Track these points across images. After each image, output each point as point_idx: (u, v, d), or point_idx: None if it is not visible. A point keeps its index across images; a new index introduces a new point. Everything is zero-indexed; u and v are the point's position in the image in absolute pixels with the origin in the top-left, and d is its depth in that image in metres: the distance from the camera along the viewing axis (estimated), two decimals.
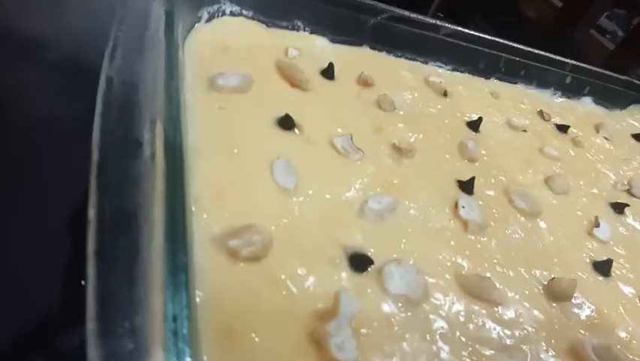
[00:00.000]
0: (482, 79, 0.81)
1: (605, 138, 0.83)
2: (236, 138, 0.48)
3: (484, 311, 0.44)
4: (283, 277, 0.39)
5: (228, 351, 0.32)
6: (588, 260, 0.56)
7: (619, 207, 0.67)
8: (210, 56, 0.56)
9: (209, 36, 0.59)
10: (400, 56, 0.74)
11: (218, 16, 0.61)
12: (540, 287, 0.50)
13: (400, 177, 0.54)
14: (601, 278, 0.55)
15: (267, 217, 0.42)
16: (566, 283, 0.50)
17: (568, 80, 0.88)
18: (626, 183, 0.73)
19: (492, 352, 0.42)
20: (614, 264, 0.57)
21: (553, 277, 0.50)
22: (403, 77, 0.71)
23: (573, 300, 0.50)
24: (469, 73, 0.80)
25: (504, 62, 0.82)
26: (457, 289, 0.45)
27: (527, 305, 0.47)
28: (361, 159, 0.53)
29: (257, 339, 0.34)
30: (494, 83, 0.82)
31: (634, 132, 0.88)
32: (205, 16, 0.60)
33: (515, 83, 0.84)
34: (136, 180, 0.34)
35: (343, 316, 0.37)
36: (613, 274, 0.56)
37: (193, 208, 0.39)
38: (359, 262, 0.43)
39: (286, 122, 0.52)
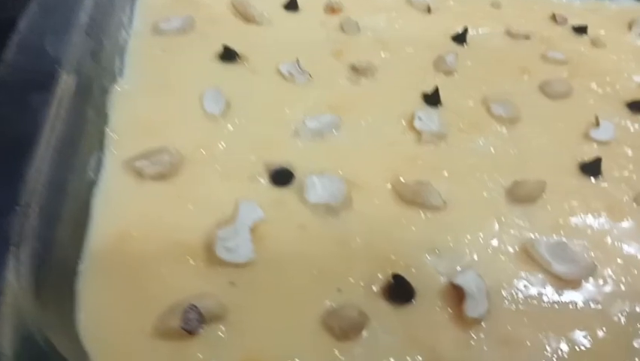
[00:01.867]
0: None
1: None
2: (173, 76, 0.50)
3: (415, 215, 0.42)
4: (193, 193, 0.40)
5: (117, 252, 0.35)
6: (576, 162, 0.49)
7: (637, 106, 0.58)
8: (162, 3, 0.58)
9: None
10: None
11: None
12: (502, 191, 0.45)
13: (354, 96, 0.53)
14: (593, 180, 0.48)
15: (187, 142, 0.43)
16: (531, 185, 0.45)
17: None
18: None
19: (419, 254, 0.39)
20: (613, 165, 0.50)
21: (516, 181, 0.45)
22: None
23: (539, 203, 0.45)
24: None
25: None
26: (390, 196, 0.43)
27: (476, 208, 0.43)
28: (309, 82, 0.52)
29: (150, 246, 0.36)
30: None
31: None
32: None
33: None
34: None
35: (241, 222, 0.37)
36: (606, 174, 0.49)
37: (114, 136, 0.42)
38: (280, 177, 0.43)
39: (227, 55, 0.52)
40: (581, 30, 0.70)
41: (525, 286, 0.38)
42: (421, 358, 0.33)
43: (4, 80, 0.37)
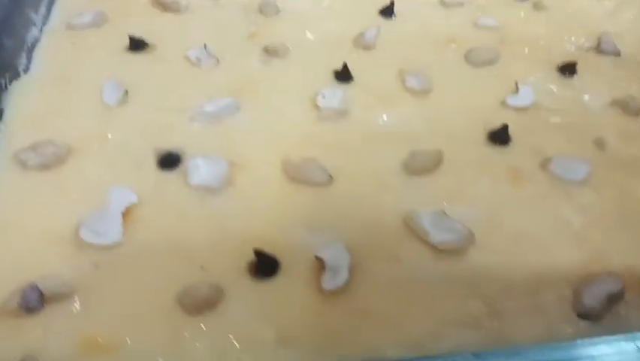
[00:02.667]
0: None
1: None
2: (77, 69, 0.51)
3: (299, 192, 0.41)
4: (75, 182, 0.41)
5: None
6: (486, 131, 0.48)
7: (568, 69, 0.55)
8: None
9: None
10: None
11: None
12: (398, 164, 0.44)
13: (262, 78, 0.52)
14: (501, 148, 0.47)
15: (78, 133, 0.44)
16: (427, 156, 0.44)
17: None
18: (596, 39, 0.59)
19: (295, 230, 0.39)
20: (526, 131, 0.47)
21: (412, 152, 0.44)
22: None
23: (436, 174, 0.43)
24: None
25: None
26: (277, 176, 0.43)
27: (365, 182, 0.43)
28: (216, 67, 0.53)
29: (20, 232, 0.37)
30: None
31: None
32: None
33: None
34: None
35: (111, 207, 0.38)
36: (517, 142, 0.47)
37: (5, 130, 0.44)
38: (167, 161, 0.43)
39: (134, 45, 0.53)
40: None
41: (399, 257, 0.38)
42: (270, 331, 0.33)
43: None
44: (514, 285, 0.37)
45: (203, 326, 0.33)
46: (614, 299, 0.35)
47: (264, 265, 0.36)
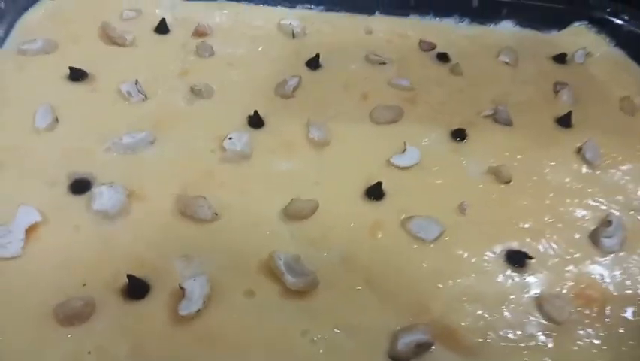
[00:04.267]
0: (363, 15, 0.78)
1: (506, 63, 0.75)
2: (16, 93, 0.57)
3: (182, 225, 0.48)
4: None
5: None
6: (364, 186, 0.54)
7: (459, 134, 0.62)
8: (40, 24, 0.66)
9: (52, 7, 0.69)
10: (260, 3, 0.76)
11: None
12: (279, 208, 0.51)
13: (182, 116, 0.59)
14: (372, 202, 0.53)
15: (6, 150, 0.51)
16: (303, 203, 0.50)
17: (475, 3, 0.80)
18: (493, 108, 0.66)
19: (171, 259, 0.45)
20: (401, 189, 0.54)
21: (292, 199, 0.51)
22: (250, 23, 0.73)
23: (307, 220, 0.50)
24: (345, 11, 0.78)
25: None
26: (169, 208, 0.49)
27: (247, 221, 0.49)
28: (143, 101, 0.59)
29: None
30: (376, 19, 0.79)
31: (557, 53, 0.77)
32: None
33: (406, 15, 0.80)
34: None
35: (16, 223, 0.44)
36: (389, 198, 0.53)
37: None
38: (77, 186, 0.49)
39: (73, 75, 0.60)
40: (443, 57, 0.74)
41: (253, 292, 0.44)
42: (125, 346, 0.39)
43: None
44: (349, 323, 0.44)
45: (68, 336, 0.39)
46: (423, 347, 0.42)
47: (135, 288, 0.42)
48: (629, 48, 0.79)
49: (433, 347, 0.42)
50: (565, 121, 0.66)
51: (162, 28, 0.69)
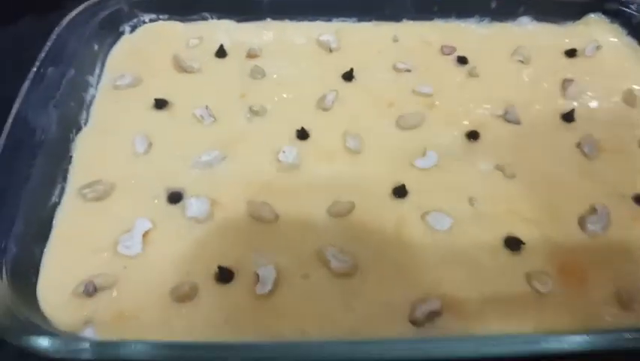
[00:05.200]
0: (390, 23, 0.89)
1: (520, 62, 0.84)
2: (118, 123, 0.74)
3: (254, 227, 0.63)
4: (114, 211, 0.65)
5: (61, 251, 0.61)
6: (390, 187, 0.67)
7: (473, 135, 0.73)
8: (124, 60, 0.81)
9: (130, 44, 0.84)
10: (302, 20, 0.88)
11: (139, 26, 0.86)
12: (324, 209, 0.65)
13: (245, 134, 0.73)
14: (398, 200, 0.67)
15: (118, 173, 0.68)
16: (343, 205, 0.65)
17: (493, 4, 0.88)
18: (504, 108, 0.76)
19: (249, 253, 0.61)
20: (423, 188, 0.67)
21: (334, 201, 0.65)
22: (293, 42, 0.85)
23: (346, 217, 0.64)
24: (376, 20, 0.89)
25: (410, 3, 0.88)
26: (243, 213, 0.65)
27: (300, 223, 0.64)
28: (213, 123, 0.74)
29: (81, 245, 0.61)
30: (403, 26, 0.89)
31: (568, 48, 0.85)
32: (127, 29, 0.85)
33: (431, 19, 0.89)
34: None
35: (135, 230, 0.62)
36: (411, 196, 0.67)
37: (73, 171, 0.68)
38: (173, 198, 0.66)
39: (158, 104, 0.75)
40: (462, 60, 0.84)
41: (309, 275, 0.60)
42: (221, 317, 0.56)
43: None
44: (380, 297, 0.59)
45: (183, 310, 0.57)
46: (435, 314, 0.56)
47: (224, 275, 0.59)
48: None
49: (443, 315, 0.57)
50: (568, 117, 0.76)
51: (221, 52, 0.83)
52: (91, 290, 0.56)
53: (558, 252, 0.63)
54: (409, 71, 0.82)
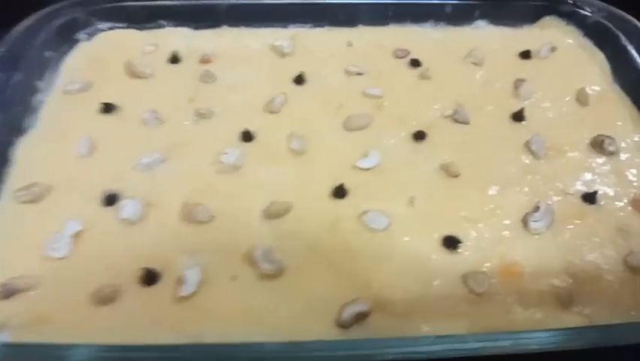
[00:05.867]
0: (345, 29, 0.89)
1: (474, 64, 0.83)
2: (65, 126, 0.74)
3: (186, 228, 0.62)
4: (49, 211, 0.64)
5: None
6: (330, 187, 0.66)
7: (419, 135, 0.72)
8: (78, 67, 0.82)
9: (86, 51, 0.85)
10: (259, 27, 0.89)
11: (96, 34, 0.87)
12: (261, 210, 0.64)
13: (190, 136, 0.73)
14: (337, 200, 0.65)
15: (58, 176, 0.67)
16: (280, 205, 0.64)
17: (448, 8, 0.88)
18: (454, 108, 0.75)
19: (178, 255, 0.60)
20: (356, 188, 0.66)
21: (271, 202, 0.64)
22: (248, 47, 0.86)
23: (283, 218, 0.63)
24: (331, 26, 0.89)
25: (364, 9, 0.88)
26: (177, 215, 0.64)
27: (235, 223, 0.63)
28: (159, 126, 0.74)
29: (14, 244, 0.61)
30: (357, 31, 0.89)
31: (523, 50, 0.84)
32: (84, 37, 0.86)
33: (386, 24, 0.89)
34: None
35: (65, 232, 0.61)
36: (352, 196, 0.65)
37: (11, 175, 0.68)
38: (109, 200, 0.65)
39: (106, 109, 0.75)
40: (415, 63, 0.83)
41: (235, 277, 0.58)
42: (145, 320, 0.55)
43: None
44: (310, 298, 0.57)
45: (103, 312, 0.55)
46: (361, 316, 0.54)
47: (148, 277, 0.58)
48: (596, 38, 0.85)
49: (373, 316, 0.55)
50: (518, 116, 0.75)
51: (175, 58, 0.83)
52: (7, 292, 0.55)
53: (498, 251, 0.61)
54: (360, 74, 0.82)
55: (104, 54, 0.85)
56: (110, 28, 0.88)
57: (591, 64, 0.83)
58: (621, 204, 0.66)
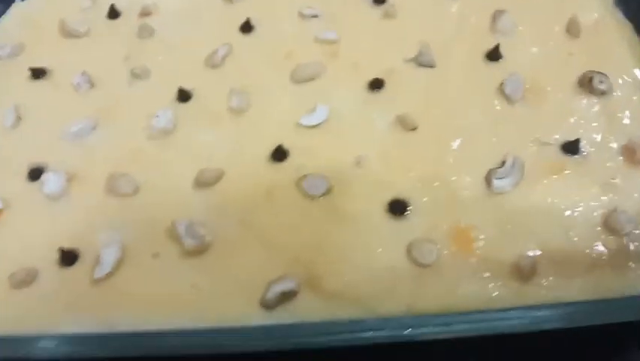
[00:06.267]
0: None
1: None
2: None
3: (108, 201, 0.57)
4: None
5: None
6: (269, 150, 0.59)
7: (376, 84, 0.63)
8: (10, 29, 0.76)
9: (20, 11, 0.78)
10: None
11: None
12: (191, 178, 0.58)
13: (123, 99, 0.66)
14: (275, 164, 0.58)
15: None
16: (211, 172, 0.57)
17: None
18: (418, 50, 0.65)
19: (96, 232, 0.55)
20: (298, 149, 0.58)
21: (200, 170, 0.57)
22: None
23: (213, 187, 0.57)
24: None
25: None
26: (101, 188, 0.58)
27: (166, 194, 0.57)
28: (91, 91, 0.68)
29: None
30: None
31: None
32: None
33: None
34: None
35: None
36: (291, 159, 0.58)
37: None
38: (34, 174, 0.60)
39: (36, 74, 0.69)
40: (379, 1, 0.72)
41: (157, 254, 0.53)
42: (60, 304, 0.51)
43: None
44: (236, 276, 0.51)
45: (19, 297, 0.51)
46: (288, 295, 0.48)
47: (65, 258, 0.53)
48: None
49: (301, 295, 0.49)
50: (493, 54, 0.64)
51: (113, 13, 0.76)
52: None
53: (453, 215, 0.52)
54: (315, 16, 0.72)
55: (38, 13, 0.78)
56: None
57: None
58: (609, 153, 0.56)
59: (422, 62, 0.65)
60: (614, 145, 0.56)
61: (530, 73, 0.62)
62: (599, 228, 0.50)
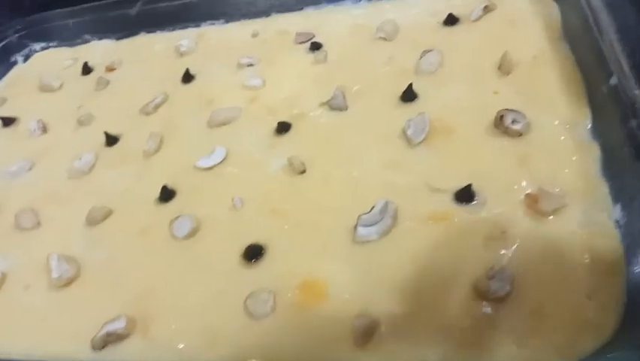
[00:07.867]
0: (257, 20, 0.80)
1: (383, 39, 0.68)
2: None
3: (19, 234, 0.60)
4: None
5: None
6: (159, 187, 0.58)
7: (284, 128, 0.60)
8: (5, 88, 0.86)
9: (21, 72, 0.89)
10: (172, 29, 0.85)
11: (32, 55, 0.91)
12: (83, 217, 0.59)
13: (65, 143, 0.71)
14: (165, 204, 0.57)
15: None
16: (100, 211, 0.58)
17: None
18: (333, 93, 0.62)
19: None
20: (187, 190, 0.58)
21: (92, 207, 0.58)
22: (153, 51, 0.82)
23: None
24: (245, 19, 0.81)
25: None
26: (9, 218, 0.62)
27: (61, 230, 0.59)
28: (42, 136, 0.73)
29: None
30: (269, 20, 0.80)
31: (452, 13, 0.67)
32: (20, 59, 0.90)
33: (300, 9, 0.79)
34: None
35: None
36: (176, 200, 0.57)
37: None
38: None
39: (6, 122, 0.77)
40: (316, 47, 0.71)
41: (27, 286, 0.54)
42: None
43: None
44: (87, 316, 0.50)
45: None
46: (114, 336, 0.46)
47: None
48: None
49: (131, 337, 0.46)
50: (407, 95, 0.59)
51: (86, 69, 0.83)
52: None
53: (308, 264, 0.47)
54: (251, 65, 0.73)
55: (31, 73, 0.88)
56: (44, 48, 0.92)
57: (535, 19, 0.63)
58: (509, 203, 0.47)
59: (333, 105, 0.61)
60: (520, 194, 0.47)
61: (442, 113, 0.55)
62: (469, 290, 0.41)
